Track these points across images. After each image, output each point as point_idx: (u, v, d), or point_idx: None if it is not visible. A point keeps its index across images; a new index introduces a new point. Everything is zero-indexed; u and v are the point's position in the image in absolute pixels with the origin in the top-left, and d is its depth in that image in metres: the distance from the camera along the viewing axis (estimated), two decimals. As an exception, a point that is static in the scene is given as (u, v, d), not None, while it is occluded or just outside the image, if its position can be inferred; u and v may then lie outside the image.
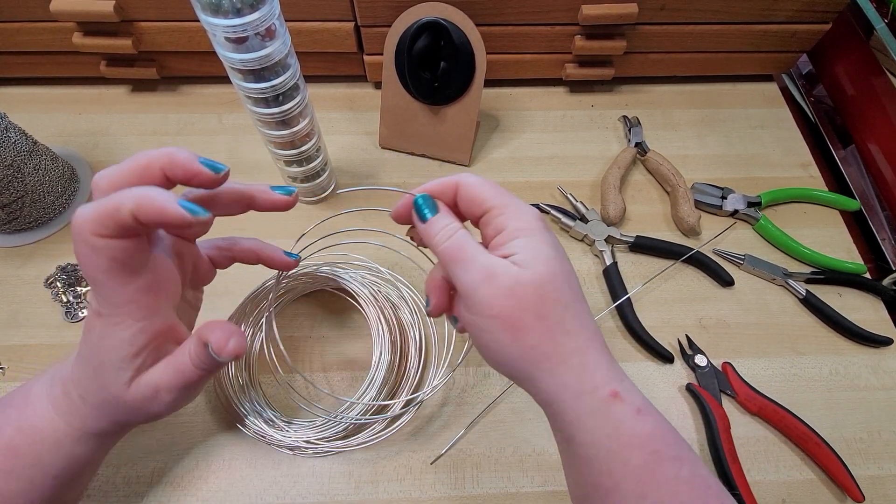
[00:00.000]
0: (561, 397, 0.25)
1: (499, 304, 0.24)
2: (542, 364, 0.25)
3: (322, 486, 0.39)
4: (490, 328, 0.25)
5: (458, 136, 0.52)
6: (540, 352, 0.25)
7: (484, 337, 0.25)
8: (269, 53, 0.35)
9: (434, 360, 0.43)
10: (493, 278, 0.25)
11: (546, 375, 0.25)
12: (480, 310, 0.25)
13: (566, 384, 0.25)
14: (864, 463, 0.40)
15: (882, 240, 0.52)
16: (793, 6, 0.52)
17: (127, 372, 0.25)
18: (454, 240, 0.27)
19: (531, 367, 0.25)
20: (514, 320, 0.24)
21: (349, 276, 0.44)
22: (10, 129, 0.44)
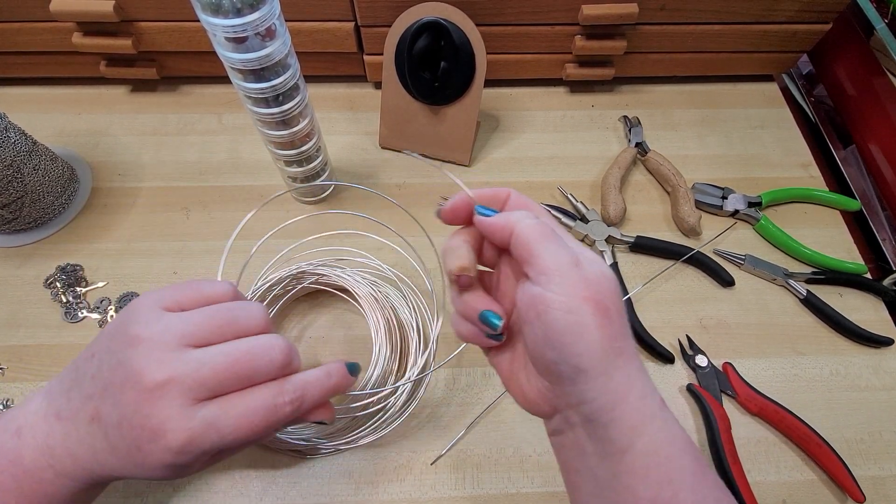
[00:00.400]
0: (627, 398, 0.24)
1: (592, 288, 0.24)
2: (617, 359, 0.24)
3: (322, 486, 0.38)
4: (579, 310, 0.23)
5: (459, 136, 0.52)
6: (619, 345, 0.24)
7: (567, 319, 0.24)
8: (269, 53, 0.35)
9: (433, 358, 0.43)
10: (582, 263, 0.24)
11: (619, 373, 0.24)
12: (573, 290, 0.24)
13: (633, 384, 0.24)
14: (864, 463, 0.40)
15: (882, 240, 0.52)
16: (793, 6, 0.52)
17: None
18: (541, 222, 0.26)
19: (607, 360, 0.24)
20: (605, 307, 0.24)
21: (347, 275, 0.44)
22: (9, 129, 0.44)
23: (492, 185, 0.53)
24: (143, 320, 0.25)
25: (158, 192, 0.52)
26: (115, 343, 0.26)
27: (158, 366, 0.24)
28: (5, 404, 0.41)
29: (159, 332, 0.25)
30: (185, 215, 0.51)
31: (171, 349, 0.25)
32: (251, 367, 0.25)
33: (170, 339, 0.25)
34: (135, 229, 0.50)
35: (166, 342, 0.25)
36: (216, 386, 0.25)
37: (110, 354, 0.26)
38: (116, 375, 0.25)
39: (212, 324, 0.26)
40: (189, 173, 0.53)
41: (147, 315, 0.26)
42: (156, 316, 0.26)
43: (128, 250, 0.49)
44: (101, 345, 0.26)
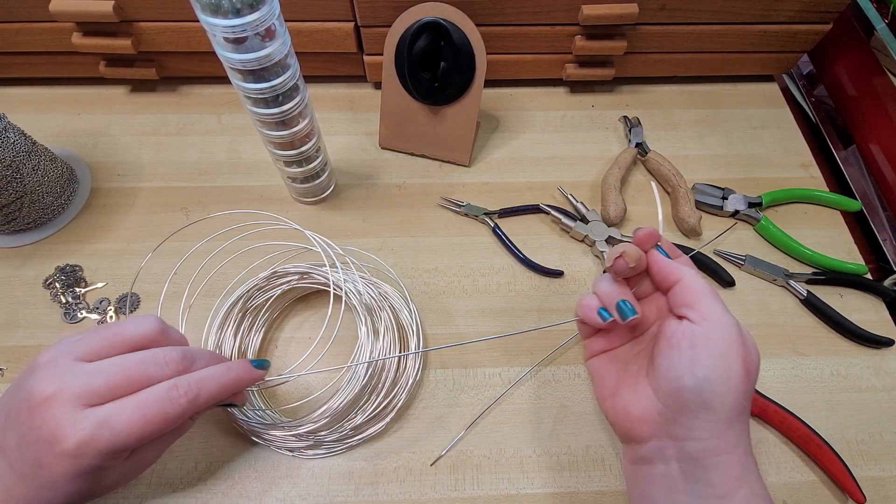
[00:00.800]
0: (735, 450, 0.27)
1: (747, 349, 0.28)
2: (741, 415, 0.27)
3: (322, 487, 0.38)
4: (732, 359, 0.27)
5: (459, 136, 0.52)
6: (745, 404, 0.27)
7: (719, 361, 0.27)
8: (268, 54, 0.35)
9: (433, 359, 0.43)
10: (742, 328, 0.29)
11: (737, 426, 0.27)
12: (732, 342, 0.27)
13: (742, 440, 0.27)
14: (865, 464, 0.40)
15: (883, 240, 0.52)
16: (793, 6, 0.52)
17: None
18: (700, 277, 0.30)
19: (734, 410, 0.26)
20: (751, 369, 0.27)
21: (345, 277, 0.44)
22: (9, 129, 0.43)
23: (491, 185, 0.53)
24: (42, 353, 0.28)
25: (158, 193, 0.52)
26: (20, 375, 0.28)
27: (49, 381, 0.26)
28: (4, 405, 0.41)
29: (53, 356, 0.27)
30: (185, 216, 0.50)
31: (64, 366, 0.26)
32: (143, 371, 0.27)
33: (62, 359, 0.27)
34: (134, 230, 0.50)
35: (59, 362, 0.27)
36: (108, 392, 0.26)
37: (13, 385, 0.28)
38: (13, 401, 0.27)
39: (98, 339, 0.28)
40: (188, 173, 0.53)
41: (46, 350, 0.28)
42: (52, 346, 0.28)
43: (127, 251, 0.48)
44: (12, 382, 0.29)
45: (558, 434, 0.41)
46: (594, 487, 0.39)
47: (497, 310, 0.46)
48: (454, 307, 0.46)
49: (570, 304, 0.46)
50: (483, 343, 0.44)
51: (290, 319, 0.46)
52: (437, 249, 0.49)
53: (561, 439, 0.40)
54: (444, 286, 0.47)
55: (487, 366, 0.43)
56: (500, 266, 0.48)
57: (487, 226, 0.50)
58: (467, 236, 0.50)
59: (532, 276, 0.48)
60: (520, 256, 0.48)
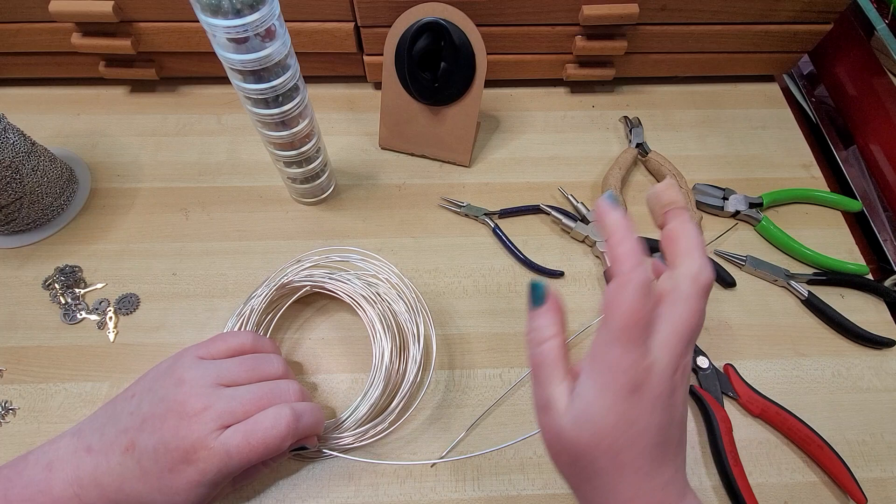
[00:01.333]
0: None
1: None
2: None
3: (322, 488, 0.38)
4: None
5: (459, 136, 0.52)
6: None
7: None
8: (268, 54, 0.35)
9: (434, 360, 0.43)
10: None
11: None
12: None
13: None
14: (866, 465, 0.40)
15: (884, 241, 0.52)
16: (794, 7, 0.52)
17: None
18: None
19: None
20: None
21: (346, 278, 0.44)
22: (8, 129, 0.43)
23: (492, 186, 0.53)
24: (186, 366, 0.32)
25: (157, 193, 0.52)
26: (160, 384, 0.32)
27: (198, 398, 0.30)
28: (4, 406, 0.41)
29: (199, 375, 0.31)
30: (184, 216, 0.50)
31: (208, 386, 0.31)
32: (270, 402, 0.32)
33: (207, 380, 0.31)
34: (134, 230, 0.50)
35: (204, 382, 0.31)
36: (242, 416, 0.30)
37: (153, 393, 0.31)
38: (158, 408, 0.30)
39: (240, 369, 0.33)
40: (188, 174, 0.53)
41: (188, 362, 0.32)
42: (195, 363, 0.32)
43: (126, 251, 0.48)
44: (142, 386, 0.32)
45: (559, 435, 0.40)
46: (595, 489, 0.39)
47: (498, 310, 0.46)
48: (455, 308, 0.46)
49: (570, 305, 0.46)
50: (483, 343, 0.44)
51: (294, 320, 0.45)
52: (437, 250, 0.49)
53: (562, 440, 0.40)
54: (445, 287, 0.47)
55: (488, 367, 0.43)
56: (501, 267, 0.48)
57: (488, 226, 0.50)
58: (468, 237, 0.50)
59: (532, 277, 0.48)
60: (520, 257, 0.48)
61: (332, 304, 0.46)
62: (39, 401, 0.41)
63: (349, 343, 0.44)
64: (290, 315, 0.45)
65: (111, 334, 0.44)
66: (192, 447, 0.29)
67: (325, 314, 0.46)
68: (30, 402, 0.41)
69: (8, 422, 0.40)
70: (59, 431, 0.33)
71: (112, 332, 0.44)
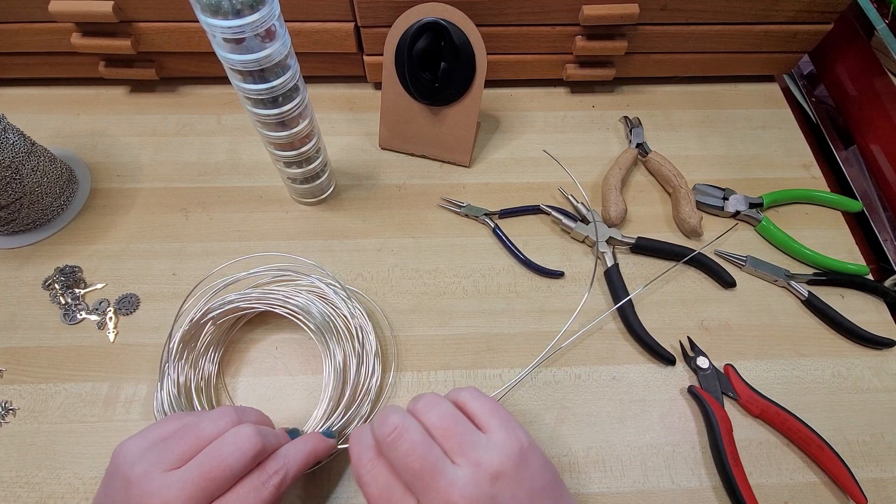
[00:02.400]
0: None
1: None
2: None
3: (322, 488, 0.38)
4: None
5: (459, 136, 0.52)
6: None
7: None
8: (268, 54, 0.35)
9: (394, 366, 0.43)
10: None
11: None
12: None
13: None
14: (866, 466, 0.40)
15: (884, 241, 0.52)
16: (794, 7, 0.52)
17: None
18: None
19: None
20: None
21: (292, 295, 0.43)
22: (8, 130, 0.43)
23: (492, 186, 0.53)
24: (129, 463, 0.28)
25: (157, 193, 0.52)
26: (112, 489, 0.28)
27: (149, 497, 0.27)
28: (4, 406, 0.41)
29: (145, 470, 0.28)
30: (184, 216, 0.50)
31: (159, 479, 0.27)
32: (225, 467, 0.28)
33: (154, 472, 0.28)
34: (133, 230, 0.50)
35: (152, 476, 0.27)
36: (204, 496, 0.27)
37: (109, 500, 0.29)
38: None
39: (183, 444, 0.29)
40: (188, 174, 0.53)
41: (131, 458, 0.29)
42: (137, 457, 0.28)
43: (126, 251, 0.48)
44: (99, 498, 0.30)
45: (558, 435, 0.41)
46: (595, 489, 0.39)
47: (497, 311, 0.46)
48: (454, 308, 0.46)
49: (570, 306, 0.46)
50: (483, 344, 0.44)
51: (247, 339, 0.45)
52: (437, 250, 0.49)
53: (561, 441, 0.40)
54: (445, 287, 0.47)
55: (487, 367, 0.43)
56: (501, 267, 0.48)
57: (488, 226, 0.50)
58: (468, 237, 0.50)
59: (532, 277, 0.48)
60: (520, 257, 0.48)
61: (281, 322, 0.44)
62: (39, 401, 0.41)
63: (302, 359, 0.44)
64: (236, 338, 0.44)
65: (111, 334, 0.44)
66: None
67: (275, 333, 0.45)
68: (30, 402, 0.41)
69: (8, 422, 0.40)
70: (59, 432, 0.32)
71: (112, 333, 0.44)
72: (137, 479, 0.27)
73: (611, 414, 0.41)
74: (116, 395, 0.42)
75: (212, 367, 0.42)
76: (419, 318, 0.45)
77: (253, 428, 0.30)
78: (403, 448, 0.27)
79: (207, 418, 0.30)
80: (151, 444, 0.29)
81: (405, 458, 0.26)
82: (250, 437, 0.29)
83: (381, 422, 0.28)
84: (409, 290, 0.47)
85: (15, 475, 0.38)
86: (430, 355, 0.44)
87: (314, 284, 0.44)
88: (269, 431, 0.32)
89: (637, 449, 0.40)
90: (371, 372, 0.41)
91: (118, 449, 0.29)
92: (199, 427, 0.30)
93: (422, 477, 0.26)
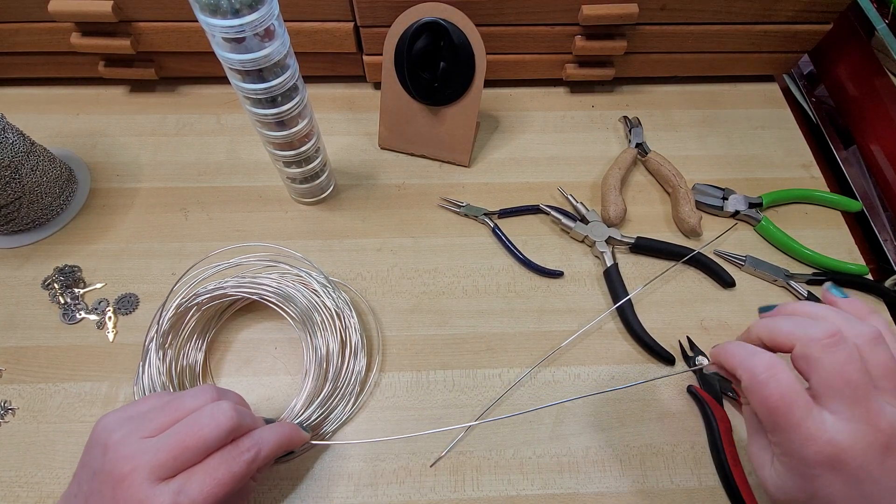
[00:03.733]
0: None
1: None
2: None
3: (321, 488, 0.38)
4: None
5: (458, 136, 0.52)
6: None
7: None
8: (267, 54, 0.35)
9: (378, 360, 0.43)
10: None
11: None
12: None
13: None
14: (866, 466, 0.40)
15: (884, 241, 0.52)
16: (794, 6, 0.52)
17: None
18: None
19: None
20: None
21: (278, 285, 0.43)
22: (7, 129, 0.43)
23: (491, 186, 0.53)
24: (109, 430, 0.29)
25: (157, 193, 0.52)
26: (91, 457, 0.29)
27: (123, 461, 0.28)
28: (3, 406, 0.41)
29: (122, 436, 0.29)
30: (184, 216, 0.50)
31: (134, 444, 0.28)
32: (200, 437, 0.28)
33: (131, 438, 0.28)
34: (133, 230, 0.50)
35: (128, 441, 0.28)
36: (175, 464, 0.28)
37: (87, 469, 0.29)
38: (94, 484, 0.28)
39: (162, 415, 0.30)
40: (187, 174, 0.53)
41: (110, 426, 0.30)
42: (117, 425, 0.29)
43: (126, 251, 0.48)
44: (80, 466, 0.30)
45: (558, 435, 0.41)
46: (594, 489, 0.39)
47: (497, 311, 0.46)
48: (454, 308, 0.46)
49: (570, 306, 0.46)
50: (483, 343, 0.44)
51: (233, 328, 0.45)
52: (436, 250, 0.49)
53: (561, 440, 0.40)
54: (444, 287, 0.47)
55: (487, 367, 0.43)
56: (500, 267, 0.48)
57: (487, 226, 0.50)
58: (467, 237, 0.50)
59: (532, 277, 0.48)
60: (520, 257, 0.48)
61: (267, 311, 0.45)
62: (39, 401, 0.41)
63: (287, 348, 0.44)
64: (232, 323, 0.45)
65: (110, 334, 0.44)
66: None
67: (261, 322, 0.45)
68: (29, 401, 0.41)
69: (7, 422, 0.40)
70: (58, 431, 0.32)
71: (111, 332, 0.44)
72: (114, 445, 0.28)
73: (610, 414, 0.41)
74: (116, 394, 0.42)
75: (197, 354, 0.42)
76: (418, 318, 0.45)
77: (231, 405, 0.30)
78: (842, 356, 0.24)
79: (189, 395, 0.31)
80: (131, 416, 0.30)
81: (842, 365, 0.24)
82: (226, 412, 0.29)
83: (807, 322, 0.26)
84: (409, 290, 0.47)
85: (14, 475, 0.38)
86: (429, 355, 0.44)
87: (299, 275, 0.44)
88: (246, 412, 0.32)
89: (637, 449, 0.40)
90: (353, 366, 0.41)
91: (99, 420, 0.30)
92: (179, 401, 0.30)
93: (855, 389, 0.24)
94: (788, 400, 0.25)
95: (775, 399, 0.25)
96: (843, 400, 0.24)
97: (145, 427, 0.29)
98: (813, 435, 0.24)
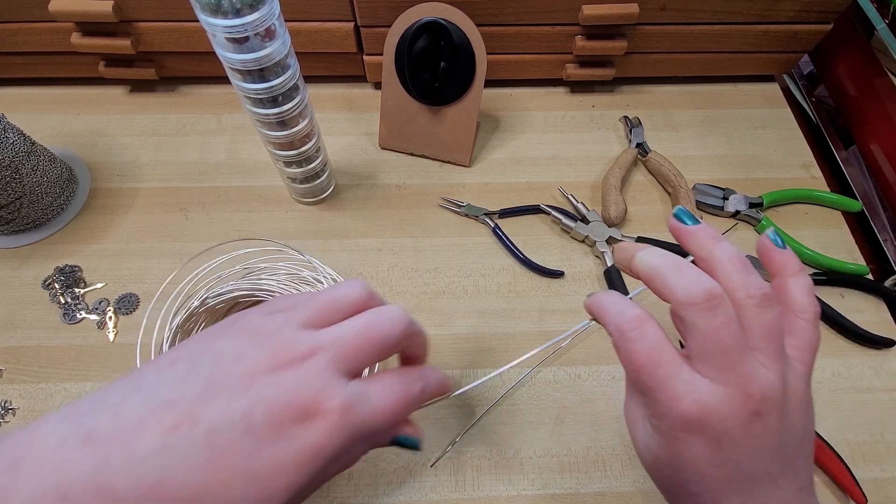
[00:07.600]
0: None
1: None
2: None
3: (321, 488, 0.38)
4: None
5: (459, 136, 0.52)
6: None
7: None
8: (268, 54, 0.35)
9: None
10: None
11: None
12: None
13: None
14: (866, 465, 0.40)
15: (884, 241, 0.52)
16: (794, 6, 0.52)
17: None
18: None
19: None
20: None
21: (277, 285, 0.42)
22: (8, 129, 0.43)
23: (492, 186, 0.53)
24: (262, 317, 0.23)
25: (157, 193, 0.52)
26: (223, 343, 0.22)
27: (297, 342, 0.22)
28: (3, 406, 0.41)
29: (283, 323, 0.23)
30: (184, 216, 0.50)
31: (297, 329, 0.23)
32: (380, 331, 0.23)
33: (293, 322, 0.23)
34: (133, 230, 0.50)
35: (290, 325, 0.23)
36: (356, 357, 0.23)
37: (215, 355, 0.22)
38: (234, 368, 0.21)
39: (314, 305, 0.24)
40: (188, 174, 0.53)
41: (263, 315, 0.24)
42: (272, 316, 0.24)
43: (126, 251, 0.48)
44: (189, 349, 0.23)
45: (559, 435, 0.41)
46: (594, 489, 0.39)
47: (497, 310, 0.46)
48: (454, 308, 0.46)
49: (570, 305, 0.46)
50: (483, 344, 0.44)
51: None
52: (437, 250, 0.49)
53: (561, 440, 0.40)
54: (445, 287, 0.47)
55: (487, 367, 0.43)
56: (501, 267, 0.48)
57: (488, 226, 0.50)
58: (467, 237, 0.50)
59: (532, 277, 0.48)
60: (520, 257, 0.48)
61: None
62: (39, 400, 0.41)
63: None
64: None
65: (111, 334, 0.44)
66: (315, 399, 0.21)
67: None
68: (29, 401, 0.41)
69: (7, 421, 0.40)
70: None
71: (112, 332, 0.44)
72: (277, 333, 0.22)
73: (611, 414, 0.41)
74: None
75: None
76: (419, 318, 0.45)
77: (401, 309, 0.25)
78: (719, 319, 0.23)
79: (340, 286, 0.25)
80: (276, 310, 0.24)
81: (716, 330, 0.23)
82: (402, 313, 0.25)
83: (690, 276, 0.24)
84: (409, 290, 0.47)
85: (14, 475, 0.38)
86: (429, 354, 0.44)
87: (294, 269, 0.44)
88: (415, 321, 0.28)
89: (637, 449, 0.40)
90: None
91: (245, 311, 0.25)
92: (333, 291, 0.25)
93: (729, 354, 0.23)
94: (655, 357, 0.24)
95: (642, 356, 0.24)
96: (714, 364, 0.23)
97: (301, 316, 0.23)
98: (679, 394, 0.23)
